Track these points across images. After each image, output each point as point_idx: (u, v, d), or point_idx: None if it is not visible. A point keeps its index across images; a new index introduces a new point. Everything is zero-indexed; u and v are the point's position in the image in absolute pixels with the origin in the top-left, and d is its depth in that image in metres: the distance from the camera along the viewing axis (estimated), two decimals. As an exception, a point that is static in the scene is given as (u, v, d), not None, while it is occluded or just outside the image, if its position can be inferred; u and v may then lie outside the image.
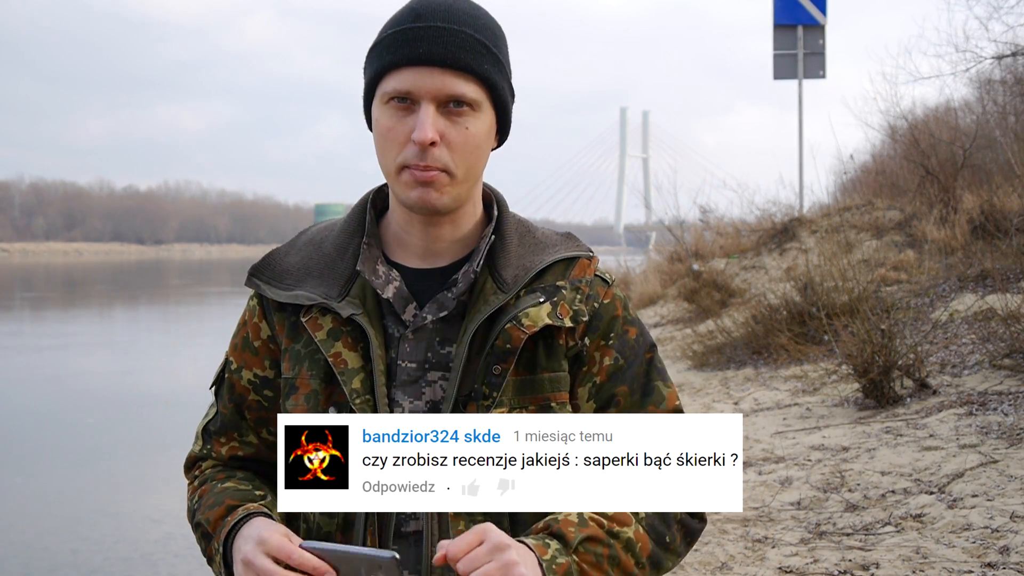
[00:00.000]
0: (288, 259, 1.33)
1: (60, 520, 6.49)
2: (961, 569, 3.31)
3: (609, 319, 1.32)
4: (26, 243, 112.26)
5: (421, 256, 1.31)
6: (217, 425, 1.39)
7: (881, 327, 6.11)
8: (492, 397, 1.23)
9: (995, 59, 11.95)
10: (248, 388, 1.35)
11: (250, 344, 1.35)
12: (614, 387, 1.32)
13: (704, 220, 15.70)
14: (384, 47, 1.22)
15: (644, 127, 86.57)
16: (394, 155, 1.22)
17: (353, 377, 1.24)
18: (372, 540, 1.23)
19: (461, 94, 1.20)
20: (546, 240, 1.35)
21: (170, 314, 25.61)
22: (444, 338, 1.27)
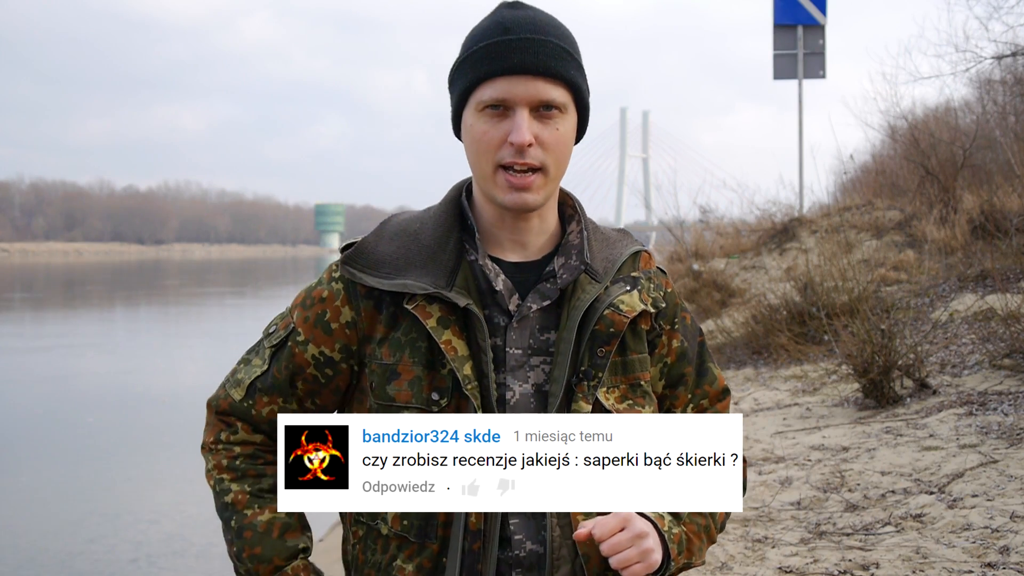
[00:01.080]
0: (380, 248, 1.40)
1: (60, 521, 6.49)
2: (961, 569, 3.31)
3: (673, 305, 1.48)
4: (26, 243, 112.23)
5: (513, 250, 1.41)
6: (266, 384, 1.44)
7: (881, 327, 6.11)
8: (598, 377, 1.35)
9: (995, 59, 11.94)
10: (310, 362, 1.41)
11: (325, 323, 1.40)
12: (682, 367, 1.48)
13: (704, 220, 15.69)
14: (477, 59, 1.32)
15: (644, 127, 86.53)
16: (490, 157, 1.32)
17: (464, 364, 1.32)
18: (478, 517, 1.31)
19: (551, 99, 1.32)
20: (610, 236, 1.48)
21: (164, 315, 25.58)
22: (543, 325, 1.37)
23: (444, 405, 1.33)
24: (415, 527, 1.33)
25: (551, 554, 1.33)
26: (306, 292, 1.45)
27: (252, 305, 28.59)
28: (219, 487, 1.44)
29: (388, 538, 1.36)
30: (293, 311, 1.45)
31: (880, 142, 18.70)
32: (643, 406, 1.40)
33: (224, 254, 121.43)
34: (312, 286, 1.45)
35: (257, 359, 1.47)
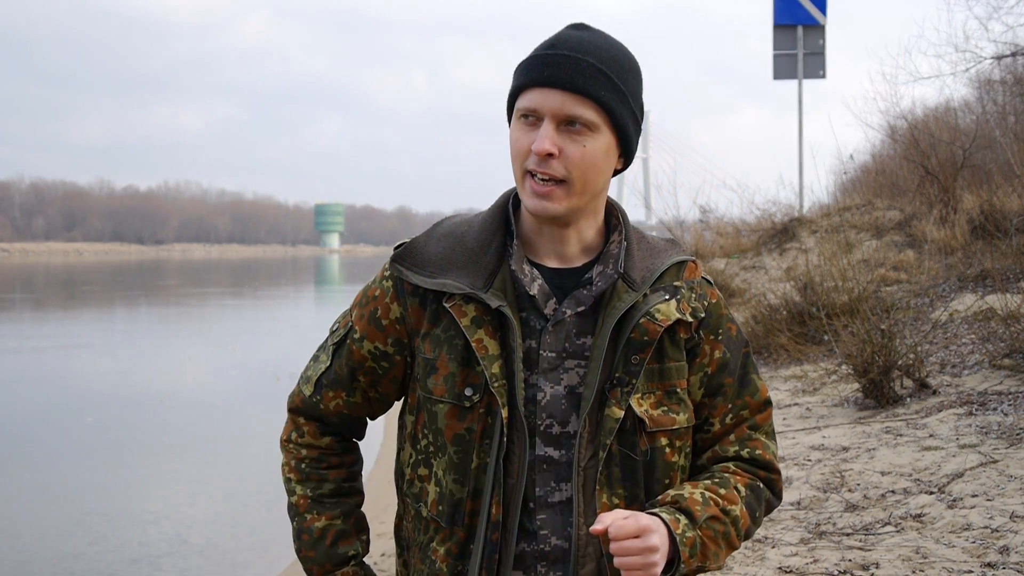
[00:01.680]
0: (428, 249, 1.46)
1: (60, 521, 6.49)
2: (961, 569, 3.31)
3: (717, 316, 1.50)
4: (26, 243, 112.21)
5: (553, 257, 1.46)
6: (330, 379, 1.54)
7: (881, 327, 6.11)
8: (632, 384, 1.39)
9: (995, 59, 11.95)
10: (367, 357, 1.50)
11: (377, 320, 1.49)
12: (722, 378, 1.50)
13: (704, 220, 15.68)
14: (521, 70, 1.40)
15: (644, 127, 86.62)
16: (519, 163, 1.39)
17: (493, 363, 1.38)
18: (498, 508, 1.39)
19: (578, 115, 1.36)
20: (657, 245, 1.52)
21: (160, 315, 25.57)
22: (580, 331, 1.42)
23: (476, 401, 1.39)
24: (446, 513, 1.42)
25: (576, 551, 1.39)
26: (363, 291, 1.54)
27: (250, 306, 28.58)
28: (287, 487, 1.57)
29: (427, 520, 1.45)
30: (352, 310, 1.54)
31: (880, 142, 18.71)
32: (678, 413, 1.43)
33: (224, 254, 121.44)
34: (368, 285, 1.53)
35: (324, 356, 1.56)
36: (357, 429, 1.60)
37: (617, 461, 1.40)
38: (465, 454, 1.40)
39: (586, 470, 1.39)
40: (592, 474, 1.39)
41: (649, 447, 1.41)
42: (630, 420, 1.39)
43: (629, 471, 1.40)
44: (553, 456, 1.40)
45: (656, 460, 1.42)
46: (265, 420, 10.05)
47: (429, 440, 1.45)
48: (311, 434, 1.56)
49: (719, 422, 1.49)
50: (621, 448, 1.40)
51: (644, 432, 1.40)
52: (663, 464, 1.42)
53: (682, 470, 1.46)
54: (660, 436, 1.42)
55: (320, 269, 68.63)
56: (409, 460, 1.50)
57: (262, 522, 6.59)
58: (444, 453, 1.42)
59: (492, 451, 1.39)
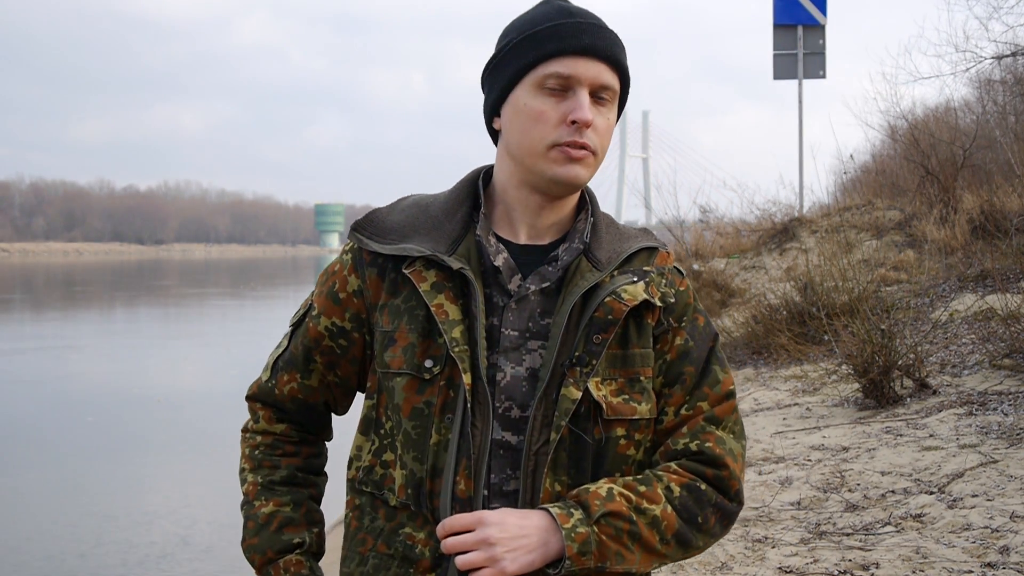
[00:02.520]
0: (391, 218, 1.41)
1: (61, 522, 6.49)
2: (961, 569, 3.31)
3: (683, 304, 1.44)
4: (26, 243, 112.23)
5: (524, 234, 1.40)
6: (285, 360, 1.48)
7: (881, 327, 6.11)
8: (591, 364, 1.32)
9: (995, 59, 11.95)
10: (324, 334, 1.43)
11: (334, 294, 1.42)
12: (682, 366, 1.41)
13: (704, 220, 15.69)
14: (544, 37, 1.32)
15: (644, 127, 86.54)
16: (545, 135, 1.32)
17: (454, 327, 1.31)
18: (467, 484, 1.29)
19: (609, 84, 1.34)
20: (628, 231, 1.47)
21: (154, 316, 25.58)
22: (544, 310, 1.35)
23: (436, 373, 1.31)
24: (412, 497, 1.33)
25: None
26: (324, 269, 1.48)
27: (248, 306, 28.58)
28: (240, 476, 1.49)
29: (396, 509, 1.35)
30: (314, 290, 1.49)
31: (880, 142, 18.72)
32: (640, 402, 1.35)
33: (224, 254, 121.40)
34: (330, 263, 1.48)
35: (284, 340, 1.51)
36: (317, 420, 1.51)
37: (566, 445, 1.30)
38: (424, 429, 1.31)
39: (536, 455, 1.30)
40: (543, 459, 1.30)
41: (604, 435, 1.32)
42: (586, 404, 1.31)
43: (577, 457, 1.31)
44: (511, 441, 1.31)
45: (608, 450, 1.33)
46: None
47: (392, 421, 1.35)
48: (266, 419, 1.49)
49: (673, 412, 1.39)
50: (573, 431, 1.31)
51: (600, 419, 1.32)
52: (615, 456, 1.33)
53: (637, 465, 1.37)
54: (617, 426, 1.33)
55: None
56: (370, 448, 1.39)
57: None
58: (401, 430, 1.33)
59: (455, 425, 1.29)
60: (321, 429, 1.53)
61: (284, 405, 1.49)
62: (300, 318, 1.48)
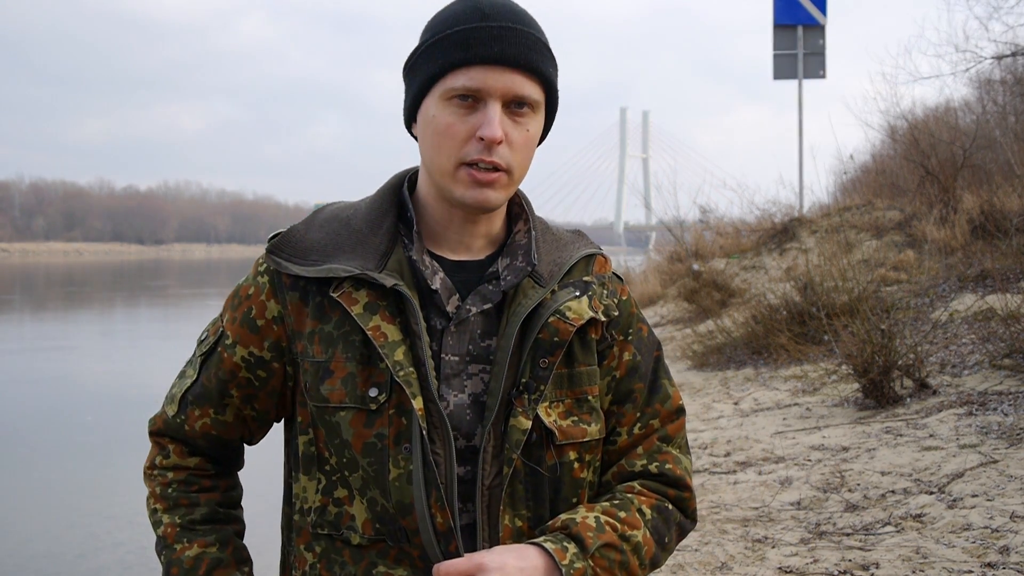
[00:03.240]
0: (310, 236, 1.29)
1: (60, 523, 6.49)
2: (961, 569, 3.31)
3: (627, 315, 1.36)
4: (26, 243, 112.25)
5: (455, 249, 1.30)
6: (196, 394, 1.34)
7: (881, 327, 6.11)
8: (540, 391, 1.24)
9: (995, 59, 11.95)
10: (240, 365, 1.30)
11: (251, 321, 1.29)
12: (632, 383, 1.34)
13: (704, 220, 15.71)
14: (451, 44, 1.20)
15: (644, 127, 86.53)
16: (453, 152, 1.21)
17: (395, 349, 1.20)
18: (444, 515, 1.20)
19: (526, 95, 1.21)
20: (563, 236, 1.37)
21: (147, 316, 25.60)
22: (484, 331, 1.26)
23: (383, 401, 1.21)
24: (388, 533, 1.23)
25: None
26: (234, 292, 1.34)
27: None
28: (153, 518, 1.35)
29: (361, 547, 1.25)
30: (224, 314, 1.34)
31: (880, 142, 18.73)
32: (589, 423, 1.28)
33: (224, 254, 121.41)
34: (240, 284, 1.33)
35: (190, 370, 1.36)
36: (230, 455, 1.39)
37: (521, 478, 1.23)
38: (380, 464, 1.21)
39: (491, 489, 1.22)
40: (497, 493, 1.22)
41: (557, 462, 1.25)
42: (537, 432, 1.23)
43: (534, 489, 1.24)
44: (460, 474, 1.22)
45: (564, 476, 1.26)
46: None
47: (338, 457, 1.24)
48: (177, 453, 1.35)
49: (626, 432, 1.33)
50: (527, 463, 1.23)
51: (552, 445, 1.24)
52: (571, 481, 1.27)
53: (590, 486, 1.31)
54: (568, 450, 1.26)
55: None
56: (317, 487, 1.27)
57: (261, 522, 6.59)
58: (358, 467, 1.23)
59: (415, 455, 1.19)
60: (235, 461, 1.42)
61: (195, 442, 1.36)
62: (211, 347, 1.33)
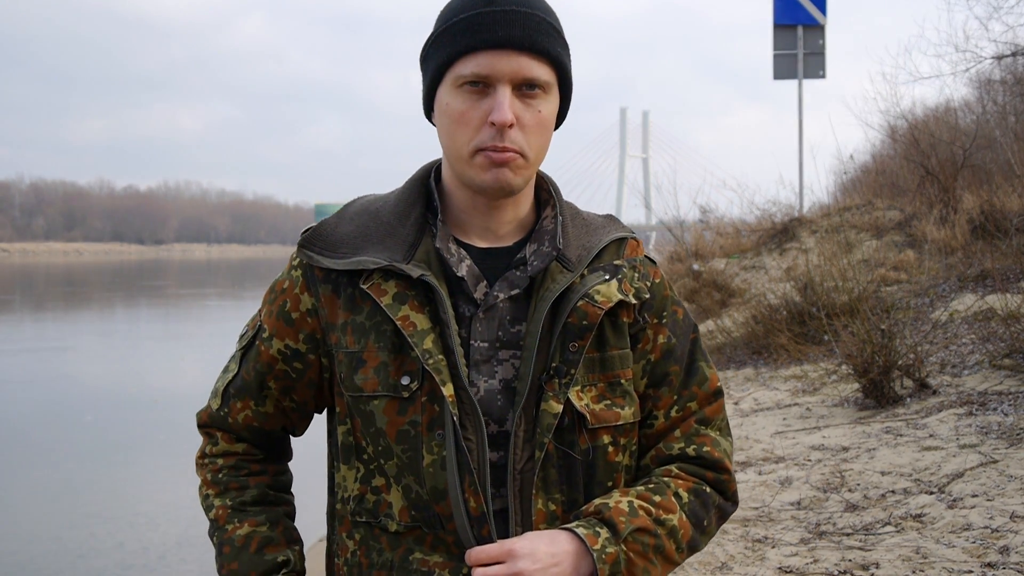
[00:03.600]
0: (340, 229, 1.31)
1: (57, 523, 6.49)
2: (961, 569, 3.31)
3: (661, 298, 1.36)
4: (26, 243, 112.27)
5: (483, 236, 1.31)
6: (237, 387, 1.38)
7: (881, 327, 6.11)
8: (570, 375, 1.25)
9: (995, 59, 11.94)
10: (277, 358, 1.34)
11: (286, 314, 1.32)
12: (667, 366, 1.35)
13: (704, 220, 15.70)
14: (458, 31, 1.21)
15: (644, 127, 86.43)
16: (467, 138, 1.22)
17: (424, 338, 1.22)
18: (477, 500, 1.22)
19: (536, 77, 1.21)
20: (594, 221, 1.37)
21: (147, 317, 25.59)
22: (514, 317, 1.27)
23: (415, 389, 1.23)
24: (423, 519, 1.26)
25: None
26: (271, 286, 1.37)
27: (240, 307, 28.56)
28: (205, 503, 1.39)
29: (398, 534, 1.27)
30: (261, 308, 1.38)
31: (880, 142, 18.73)
32: (622, 407, 1.29)
33: (224, 254, 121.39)
34: (276, 279, 1.37)
35: (232, 364, 1.40)
36: (275, 445, 1.43)
37: (554, 462, 1.24)
38: (414, 452, 1.23)
39: (523, 474, 1.24)
40: (529, 477, 1.23)
41: (591, 446, 1.26)
42: (569, 416, 1.24)
43: (567, 473, 1.25)
44: (492, 459, 1.24)
45: (597, 460, 1.27)
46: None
47: (374, 446, 1.27)
48: (225, 440, 1.39)
49: (663, 415, 1.34)
50: (559, 447, 1.24)
51: (585, 429, 1.25)
52: (605, 464, 1.28)
53: (626, 470, 1.32)
54: (602, 433, 1.27)
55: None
56: (355, 476, 1.31)
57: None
58: (393, 455, 1.25)
59: (448, 441, 1.21)
60: (282, 451, 1.45)
61: (240, 433, 1.40)
62: (249, 340, 1.37)
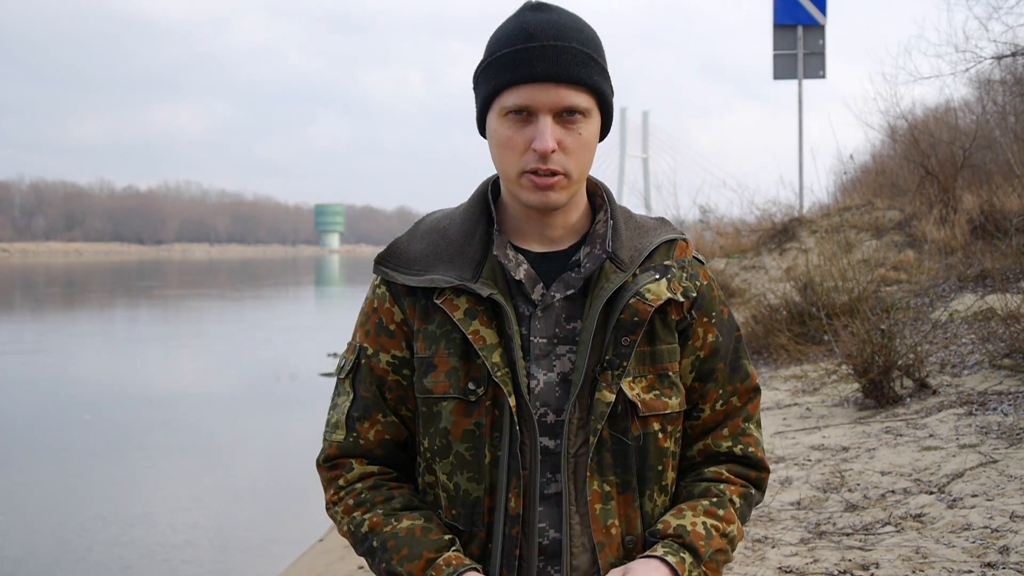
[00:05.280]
0: (412, 247, 1.43)
1: (56, 523, 6.49)
2: (961, 569, 3.31)
3: (710, 298, 1.46)
4: (26, 243, 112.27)
5: (540, 242, 1.42)
6: (360, 410, 1.44)
7: (881, 327, 6.11)
8: (623, 367, 1.36)
9: (995, 59, 11.93)
10: (387, 369, 1.43)
11: (385, 328, 1.43)
12: (714, 363, 1.46)
13: (704, 220, 15.69)
14: (501, 66, 1.33)
15: (644, 127, 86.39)
16: (514, 162, 1.34)
17: (493, 352, 1.35)
18: (517, 502, 1.35)
19: (574, 104, 1.32)
20: (646, 223, 1.48)
21: (145, 318, 25.59)
22: (569, 315, 1.39)
23: (481, 394, 1.35)
24: (463, 516, 1.37)
25: (568, 542, 1.36)
26: (360, 311, 1.49)
27: (235, 307, 28.57)
28: (353, 526, 1.41)
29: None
30: (356, 334, 1.48)
31: (880, 142, 18.74)
32: (670, 397, 1.40)
33: (224, 254, 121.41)
34: (363, 304, 1.49)
35: (342, 396, 1.47)
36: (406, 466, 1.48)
37: (608, 447, 1.36)
38: (477, 450, 1.36)
39: (576, 457, 1.35)
40: (583, 461, 1.35)
41: (642, 432, 1.37)
42: (621, 404, 1.36)
43: (621, 457, 1.37)
44: (548, 446, 1.36)
45: (649, 445, 1.38)
46: (262, 421, 10.05)
47: (430, 443, 1.40)
48: (360, 464, 1.44)
49: (709, 408, 1.46)
50: (613, 433, 1.36)
51: (636, 416, 1.37)
52: (656, 450, 1.39)
53: (673, 455, 1.43)
54: (653, 421, 1.38)
55: (320, 269, 68.60)
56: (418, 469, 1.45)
57: (259, 523, 6.59)
58: (450, 453, 1.37)
59: (503, 443, 1.34)
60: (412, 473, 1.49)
61: (373, 452, 1.45)
62: (352, 366, 1.46)
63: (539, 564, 1.36)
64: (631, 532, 1.38)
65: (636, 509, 1.38)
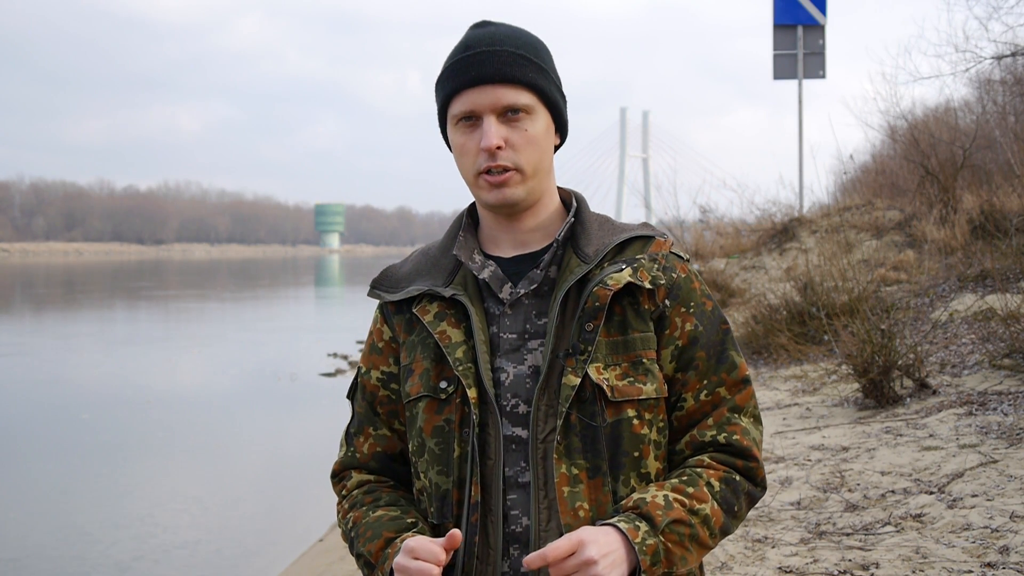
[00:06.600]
0: (401, 269, 1.56)
1: (57, 522, 6.49)
2: (961, 569, 3.31)
3: (688, 289, 1.49)
4: (26, 243, 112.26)
5: (512, 246, 1.50)
6: (355, 426, 1.56)
7: (881, 327, 6.11)
8: (587, 352, 1.39)
9: (995, 59, 11.94)
10: (377, 385, 1.53)
11: (375, 347, 1.55)
12: (694, 352, 1.47)
13: (704, 220, 15.69)
14: (445, 78, 1.44)
15: (644, 127, 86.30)
16: (470, 165, 1.43)
17: (457, 348, 1.42)
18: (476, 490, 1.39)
19: (514, 102, 1.41)
20: (623, 226, 1.53)
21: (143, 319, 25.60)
22: (540, 311, 1.45)
23: (451, 392, 1.42)
24: (437, 510, 1.43)
25: (537, 527, 1.37)
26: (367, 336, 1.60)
27: (234, 308, 28.56)
28: (346, 527, 1.50)
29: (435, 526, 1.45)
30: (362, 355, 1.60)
31: (880, 142, 18.74)
32: (644, 383, 1.41)
33: (224, 254, 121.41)
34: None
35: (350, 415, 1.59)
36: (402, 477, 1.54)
37: (577, 431, 1.38)
38: (446, 444, 1.41)
39: (545, 443, 1.38)
40: (550, 446, 1.38)
41: (615, 419, 1.39)
42: (589, 388, 1.38)
43: (591, 441, 1.38)
44: (520, 436, 1.40)
45: (623, 431, 1.39)
46: (262, 421, 10.05)
47: (411, 445, 1.47)
48: (358, 473, 1.55)
49: (692, 398, 1.46)
50: (581, 418, 1.38)
51: (606, 401, 1.38)
52: (631, 436, 1.40)
53: (655, 445, 1.43)
54: (626, 407, 1.39)
55: (320, 269, 68.60)
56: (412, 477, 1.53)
57: (259, 523, 6.59)
58: (425, 450, 1.43)
59: (470, 436, 1.39)
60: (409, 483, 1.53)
61: (369, 465, 1.54)
62: (353, 383, 1.58)
63: (514, 552, 1.39)
64: (602, 516, 1.37)
65: (608, 493, 1.38)
